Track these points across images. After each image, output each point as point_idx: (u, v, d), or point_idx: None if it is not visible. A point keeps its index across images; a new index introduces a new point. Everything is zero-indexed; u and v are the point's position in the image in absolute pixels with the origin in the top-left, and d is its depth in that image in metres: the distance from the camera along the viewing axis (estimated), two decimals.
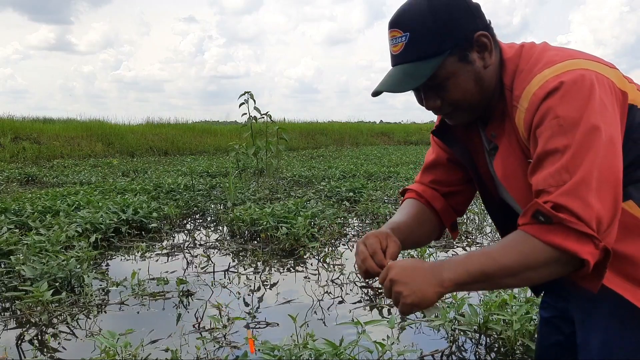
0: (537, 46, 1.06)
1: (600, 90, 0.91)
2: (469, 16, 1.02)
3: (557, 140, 0.89)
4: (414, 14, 1.01)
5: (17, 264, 2.72)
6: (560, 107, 0.90)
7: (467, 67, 1.02)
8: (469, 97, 1.04)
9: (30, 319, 2.27)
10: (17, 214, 4.10)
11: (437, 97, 1.05)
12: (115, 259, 3.39)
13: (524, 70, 1.01)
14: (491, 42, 1.03)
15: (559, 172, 0.88)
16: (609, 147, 0.88)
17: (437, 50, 1.00)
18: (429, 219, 1.24)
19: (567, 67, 0.94)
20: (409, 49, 1.01)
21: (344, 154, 13.52)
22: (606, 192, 0.87)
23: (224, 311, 2.31)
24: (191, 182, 6.08)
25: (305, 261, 3.28)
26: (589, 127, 0.88)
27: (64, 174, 8.15)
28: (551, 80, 0.93)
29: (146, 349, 1.95)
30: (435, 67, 0.99)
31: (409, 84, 1.01)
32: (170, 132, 15.92)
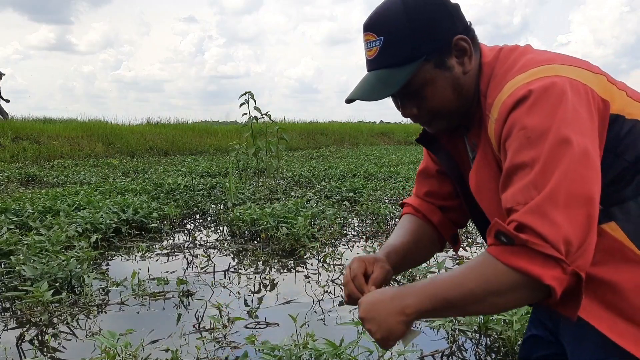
0: (516, 49, 0.99)
1: (574, 98, 0.83)
2: (448, 19, 0.96)
3: (525, 154, 0.81)
4: (389, 17, 0.96)
5: (17, 264, 2.72)
6: (527, 118, 0.83)
7: (444, 74, 0.96)
8: (447, 104, 0.99)
9: (30, 319, 2.27)
10: (17, 214, 4.10)
11: (414, 104, 1.00)
12: (116, 259, 3.39)
13: (498, 76, 0.95)
14: (470, 46, 0.97)
15: (526, 188, 0.80)
16: (582, 160, 0.79)
17: (413, 56, 0.94)
18: (427, 234, 1.19)
19: (540, 73, 0.87)
20: (383, 54, 0.96)
21: (344, 154, 13.52)
22: (577, 208, 0.78)
23: (224, 311, 2.31)
24: (191, 182, 6.08)
25: (306, 261, 3.28)
26: (558, 138, 0.80)
27: (64, 174, 8.15)
28: (521, 88, 0.86)
29: (146, 349, 1.95)
30: (410, 74, 0.94)
31: (382, 91, 0.96)
32: (170, 132, 15.91)
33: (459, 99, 0.99)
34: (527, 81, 0.86)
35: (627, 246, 0.84)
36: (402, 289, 0.89)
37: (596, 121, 0.84)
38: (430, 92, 0.97)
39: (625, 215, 0.85)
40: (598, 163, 0.82)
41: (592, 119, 0.84)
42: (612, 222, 0.85)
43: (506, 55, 0.98)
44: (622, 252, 0.84)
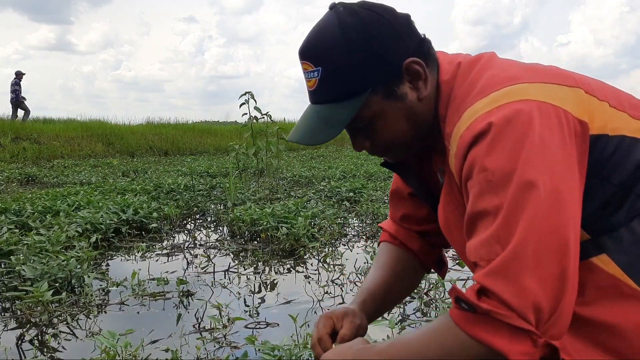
0: (477, 63, 0.86)
1: (543, 127, 0.71)
2: (395, 40, 0.83)
3: (487, 200, 0.71)
4: (326, 43, 0.82)
5: (17, 264, 2.72)
6: (488, 158, 0.71)
7: (396, 104, 0.84)
8: (402, 136, 0.88)
9: (30, 319, 2.27)
10: (17, 214, 4.10)
11: (365, 138, 0.89)
12: (116, 259, 3.39)
13: (457, 98, 0.83)
14: (425, 69, 0.84)
15: (489, 242, 0.70)
16: (550, 204, 0.68)
17: (357, 88, 0.82)
18: (408, 264, 1.08)
19: (503, 98, 0.75)
20: (322, 87, 0.83)
21: (344, 154, 13.52)
22: (548, 265, 0.67)
23: (224, 311, 2.31)
24: (191, 182, 6.08)
25: (306, 261, 3.28)
26: (523, 181, 0.69)
27: (64, 174, 8.15)
28: (480, 119, 0.74)
29: (146, 349, 1.95)
30: (354, 111, 0.82)
31: (324, 134, 0.83)
32: (170, 132, 15.92)
33: (416, 129, 0.88)
34: (488, 110, 0.74)
35: (621, 280, 0.73)
36: (362, 351, 0.82)
37: (573, 148, 0.73)
38: (381, 125, 0.86)
39: (617, 245, 0.74)
40: (574, 200, 0.71)
41: (566, 148, 0.72)
42: (603, 254, 0.74)
43: (466, 71, 0.85)
44: (617, 288, 0.73)
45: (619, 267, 0.74)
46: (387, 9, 0.86)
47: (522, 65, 0.84)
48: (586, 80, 0.82)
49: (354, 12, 0.83)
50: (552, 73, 0.81)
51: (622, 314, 0.73)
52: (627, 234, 0.74)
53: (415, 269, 1.10)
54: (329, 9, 0.86)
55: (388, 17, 0.84)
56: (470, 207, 0.74)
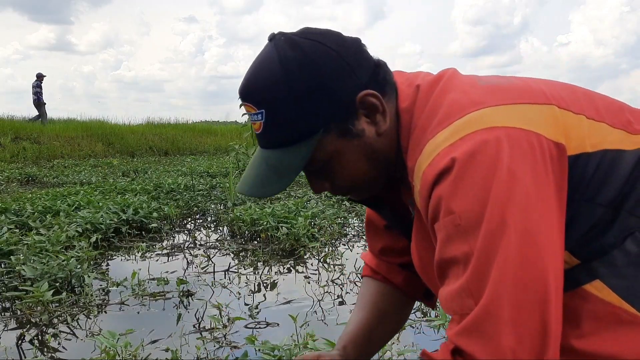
0: (436, 85, 0.77)
1: (512, 158, 0.64)
2: (344, 73, 0.74)
3: (455, 246, 0.65)
4: (266, 83, 0.74)
5: (17, 264, 2.72)
6: (453, 199, 0.65)
7: (352, 142, 0.76)
8: (363, 175, 0.80)
9: (30, 319, 2.27)
10: (17, 214, 4.10)
11: (323, 179, 0.82)
12: (116, 259, 3.39)
13: (417, 129, 0.75)
14: (382, 100, 0.76)
15: (460, 294, 0.64)
16: (526, 249, 0.62)
17: (306, 130, 0.74)
18: (393, 300, 1.02)
19: (466, 127, 0.67)
20: (268, 131, 0.75)
21: None
22: (526, 320, 0.61)
23: (224, 311, 2.31)
24: (191, 182, 6.08)
25: (306, 261, 3.28)
26: (493, 225, 0.62)
27: (64, 174, 8.15)
28: (442, 154, 0.67)
29: (146, 349, 1.95)
30: (307, 156, 0.74)
31: (273, 185, 0.77)
32: (170, 132, 15.93)
33: (378, 166, 0.80)
34: (450, 143, 0.67)
35: (619, 307, 0.66)
36: None
37: (549, 176, 0.66)
38: (338, 166, 0.78)
39: (611, 269, 0.67)
40: (553, 237, 0.64)
41: (539, 178, 0.65)
42: (596, 280, 0.68)
43: (425, 96, 0.77)
44: (616, 315, 0.67)
45: (615, 293, 0.67)
46: (333, 37, 0.77)
47: (486, 84, 0.75)
48: (558, 91, 0.74)
49: (295, 45, 0.74)
50: (520, 90, 0.73)
51: (623, 343, 0.67)
52: (620, 256, 0.67)
53: (402, 303, 1.03)
54: (269, 40, 0.78)
55: (335, 48, 0.75)
56: (438, 252, 0.68)
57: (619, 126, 0.72)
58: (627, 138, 0.71)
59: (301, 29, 0.78)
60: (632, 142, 0.71)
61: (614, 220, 0.68)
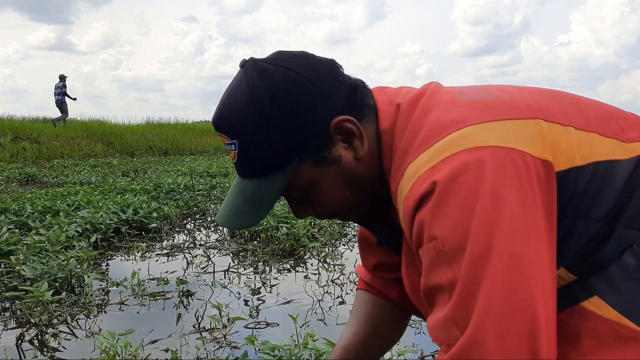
0: (416, 103, 0.74)
1: (496, 179, 0.61)
2: (317, 99, 0.72)
3: (440, 273, 0.63)
4: (236, 113, 0.73)
5: (17, 264, 2.72)
6: (435, 225, 0.63)
7: (330, 170, 0.75)
8: (345, 201, 0.78)
9: (30, 319, 2.27)
10: (17, 214, 4.10)
11: (306, 206, 0.81)
12: (115, 259, 3.38)
13: (399, 150, 0.72)
14: (358, 125, 0.73)
15: (446, 324, 0.62)
16: (512, 275, 0.59)
17: (280, 160, 0.73)
18: (387, 314, 0.99)
19: (447, 149, 0.64)
20: (242, 161, 0.75)
21: None
22: (514, 351, 0.58)
23: (224, 311, 2.30)
24: (191, 182, 6.08)
25: (306, 261, 3.28)
26: (477, 251, 0.60)
27: (63, 174, 8.15)
28: (423, 178, 0.65)
29: (146, 349, 1.95)
30: (283, 186, 0.74)
31: (250, 216, 0.76)
32: (170, 132, 15.94)
33: (360, 191, 0.78)
34: (431, 165, 0.64)
35: (619, 323, 0.63)
36: None
37: (536, 196, 0.62)
38: (318, 194, 0.77)
39: (609, 284, 0.64)
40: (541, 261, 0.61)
41: (525, 199, 0.62)
42: (595, 297, 0.65)
43: (406, 115, 0.73)
44: (616, 332, 0.63)
45: (614, 310, 0.64)
46: (305, 61, 0.74)
47: (468, 99, 0.71)
48: (545, 102, 0.71)
49: (265, 73, 0.72)
50: (503, 105, 0.69)
51: None
52: (618, 271, 0.64)
53: (397, 318, 1.00)
54: (240, 67, 0.76)
55: (306, 74, 0.73)
56: (424, 279, 0.66)
57: (611, 135, 0.69)
58: (619, 147, 0.68)
59: (273, 53, 0.77)
60: (625, 150, 0.68)
61: (610, 234, 0.65)
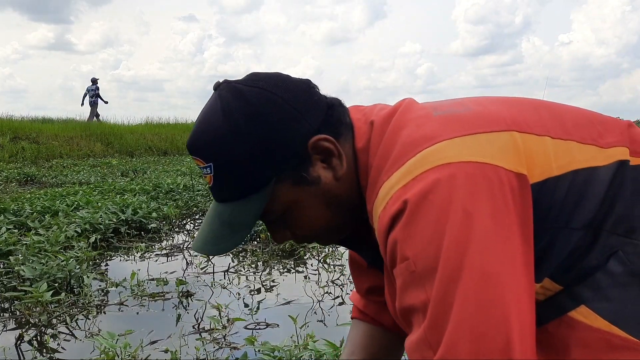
0: (390, 120, 0.73)
1: (467, 196, 0.60)
2: (293, 119, 0.72)
3: (413, 294, 0.62)
4: (211, 137, 0.72)
5: (16, 264, 2.72)
6: (407, 245, 0.62)
7: (309, 190, 0.73)
8: (325, 223, 0.77)
9: (29, 320, 2.26)
10: (16, 214, 4.09)
11: (284, 228, 0.79)
12: (115, 259, 3.38)
13: (373, 169, 0.72)
14: (335, 144, 0.73)
15: (419, 346, 0.61)
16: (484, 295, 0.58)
17: (257, 183, 0.71)
18: (383, 342, 0.98)
19: (420, 166, 0.63)
20: (218, 185, 0.73)
21: None
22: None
23: (224, 312, 2.30)
24: (191, 182, 6.08)
25: (306, 262, 3.27)
26: (448, 270, 0.59)
27: (63, 174, 8.15)
28: (395, 198, 0.64)
29: (146, 350, 1.95)
30: (260, 209, 0.73)
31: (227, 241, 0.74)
32: (169, 131, 15.92)
33: (340, 211, 0.77)
34: (403, 184, 0.64)
35: (609, 332, 0.62)
36: None
37: (510, 211, 0.61)
38: (297, 216, 0.75)
39: (596, 292, 0.63)
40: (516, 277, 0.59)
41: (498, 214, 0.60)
42: (582, 306, 0.63)
43: (379, 133, 0.73)
44: (606, 341, 0.62)
45: (603, 318, 0.62)
46: (279, 82, 0.74)
47: (441, 114, 0.70)
48: (521, 112, 0.70)
49: (238, 94, 0.72)
50: (476, 118, 0.68)
51: None
52: (604, 278, 0.63)
53: (393, 345, 0.98)
54: (213, 89, 0.76)
55: (281, 94, 0.72)
56: (398, 301, 0.65)
57: (589, 141, 0.68)
58: (598, 153, 0.67)
59: (248, 75, 0.76)
60: (605, 156, 0.66)
61: (594, 241, 0.64)
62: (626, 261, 0.63)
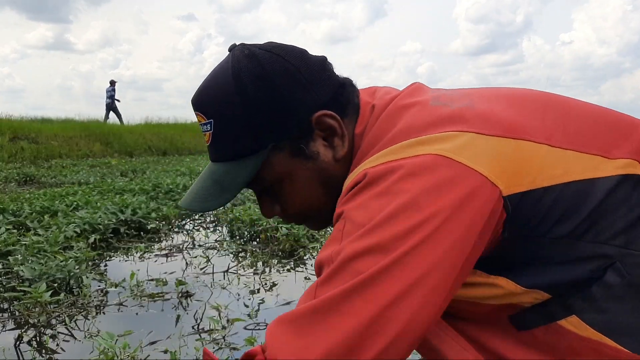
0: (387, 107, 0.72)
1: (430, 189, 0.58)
2: (302, 89, 0.71)
3: (329, 248, 0.62)
4: (217, 92, 0.72)
5: (15, 264, 2.71)
6: (348, 204, 0.62)
7: (306, 165, 0.72)
8: (317, 203, 0.75)
9: (28, 320, 2.26)
10: (15, 214, 4.08)
11: (274, 202, 0.78)
12: (114, 259, 3.37)
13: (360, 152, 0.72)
14: (340, 123, 0.72)
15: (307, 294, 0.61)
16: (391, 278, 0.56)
17: (254, 145, 0.71)
18: None
19: (397, 153, 0.62)
20: (216, 142, 0.73)
21: None
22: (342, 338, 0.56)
23: (224, 312, 2.30)
24: (190, 182, 6.07)
25: (305, 262, 3.27)
26: (367, 244, 0.57)
27: (62, 174, 8.13)
28: (361, 173, 0.63)
29: (145, 350, 1.94)
30: (253, 172, 0.72)
31: (215, 199, 0.73)
32: (169, 131, 15.92)
33: (332, 193, 0.73)
34: (374, 164, 0.63)
35: (599, 342, 0.61)
36: None
37: (467, 213, 0.58)
38: (289, 189, 0.74)
39: (590, 304, 0.61)
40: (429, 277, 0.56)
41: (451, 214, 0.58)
42: (572, 316, 0.62)
43: (374, 119, 0.72)
44: (596, 351, 0.62)
45: (594, 329, 0.61)
46: (296, 52, 0.73)
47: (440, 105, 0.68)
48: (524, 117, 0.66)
49: (252, 56, 0.71)
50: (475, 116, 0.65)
51: None
52: (600, 291, 0.61)
53: None
54: (229, 50, 0.76)
55: (295, 62, 0.72)
56: (318, 255, 0.64)
57: (594, 151, 0.64)
58: (602, 164, 0.63)
59: (266, 42, 0.76)
60: (611, 167, 0.63)
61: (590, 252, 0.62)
62: (624, 273, 0.61)
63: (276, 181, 0.74)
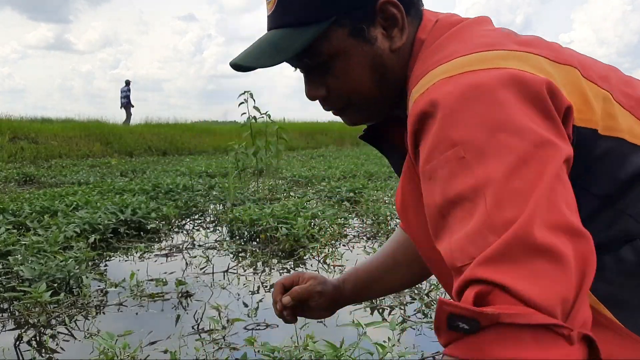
0: (456, 24, 0.74)
1: (515, 96, 0.57)
2: None
3: (460, 182, 0.55)
4: None
5: (15, 264, 2.71)
6: (452, 130, 0.57)
7: (363, 47, 0.73)
8: (364, 89, 0.76)
9: (28, 320, 2.25)
10: (15, 214, 4.08)
11: (321, 82, 0.78)
12: (114, 259, 3.37)
13: (420, 60, 0.72)
14: (403, 14, 0.73)
15: (478, 233, 0.52)
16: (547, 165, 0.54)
17: (318, 15, 0.71)
18: (411, 256, 0.95)
19: (470, 64, 0.61)
20: (280, 8, 0.74)
21: (345, 153, 13.52)
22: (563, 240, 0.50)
23: (223, 312, 2.29)
24: (190, 182, 6.07)
25: (305, 262, 3.26)
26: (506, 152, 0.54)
27: (62, 174, 8.13)
28: (437, 85, 0.61)
29: (145, 350, 1.94)
30: (310, 40, 0.71)
31: (270, 58, 0.72)
32: (168, 131, 15.92)
33: (382, 85, 0.75)
34: (448, 75, 0.61)
35: (596, 309, 0.60)
36: None
37: (551, 125, 0.57)
38: (341, 67, 0.74)
39: (599, 273, 0.56)
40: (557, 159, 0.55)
41: (542, 121, 0.56)
42: None
43: (440, 31, 0.73)
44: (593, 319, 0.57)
45: (594, 296, 0.60)
46: None
47: (510, 32, 0.70)
48: (591, 66, 0.68)
49: None
50: (546, 46, 0.66)
51: None
52: (611, 262, 0.60)
53: (420, 262, 0.92)
54: None
55: None
56: (442, 195, 0.57)
57: None
58: None
59: None
60: None
61: (612, 221, 0.61)
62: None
63: (330, 57, 0.74)
